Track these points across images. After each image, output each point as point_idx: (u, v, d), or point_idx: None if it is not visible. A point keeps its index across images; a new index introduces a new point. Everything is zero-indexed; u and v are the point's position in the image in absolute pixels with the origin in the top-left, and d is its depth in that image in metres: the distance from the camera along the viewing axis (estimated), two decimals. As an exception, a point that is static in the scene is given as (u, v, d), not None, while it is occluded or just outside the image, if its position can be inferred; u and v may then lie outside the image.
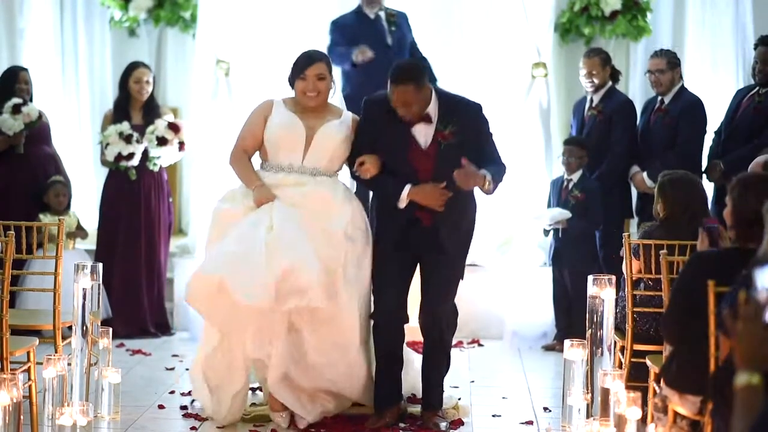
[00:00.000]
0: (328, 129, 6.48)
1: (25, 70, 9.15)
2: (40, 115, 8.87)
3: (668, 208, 6.63)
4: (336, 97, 8.86)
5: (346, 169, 6.70)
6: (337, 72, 8.60)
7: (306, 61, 6.49)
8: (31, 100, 9.00)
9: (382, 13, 9.64)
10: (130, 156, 8.91)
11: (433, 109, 6.32)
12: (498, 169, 6.33)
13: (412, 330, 6.74)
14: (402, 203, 6.30)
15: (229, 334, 6.41)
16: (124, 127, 8.89)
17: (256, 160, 6.73)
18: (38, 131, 8.97)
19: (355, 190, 6.96)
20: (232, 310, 6.26)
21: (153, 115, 9.04)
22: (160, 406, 6.92)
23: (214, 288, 6.22)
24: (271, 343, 6.35)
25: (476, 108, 6.46)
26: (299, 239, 6.27)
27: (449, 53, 10.14)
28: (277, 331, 6.33)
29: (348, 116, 6.59)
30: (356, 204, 6.56)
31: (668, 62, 8.52)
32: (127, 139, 8.87)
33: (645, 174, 8.51)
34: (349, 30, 9.50)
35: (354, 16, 9.64)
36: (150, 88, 9.07)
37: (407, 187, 6.28)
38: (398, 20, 9.68)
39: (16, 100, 8.78)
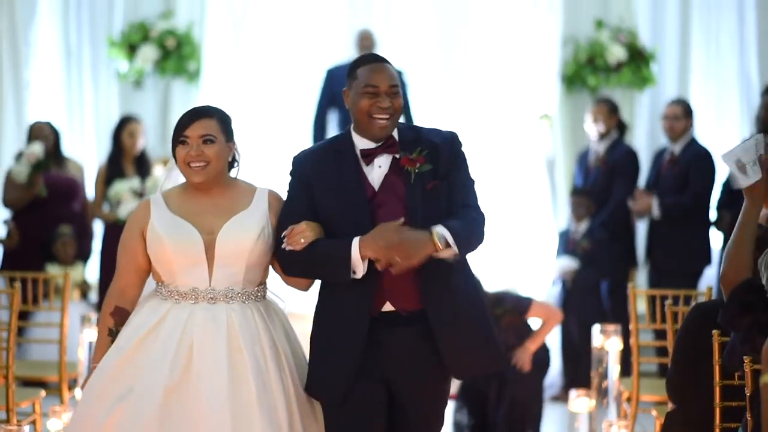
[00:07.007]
0: (233, 228, 4.36)
1: (47, 123, 9.04)
2: (60, 163, 8.81)
3: None
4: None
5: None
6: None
7: (187, 118, 4.39)
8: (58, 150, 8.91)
9: None
10: None
11: (394, 136, 4.42)
12: (468, 223, 4.30)
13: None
14: (358, 268, 4.22)
15: None
16: (134, 184, 8.87)
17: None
18: (66, 188, 8.90)
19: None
20: None
21: (145, 167, 9.03)
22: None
23: None
24: None
25: (449, 132, 4.48)
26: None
27: (455, 104, 10.19)
28: None
29: (263, 194, 4.48)
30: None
31: (684, 110, 8.60)
32: (141, 195, 8.86)
33: (655, 201, 8.46)
34: (335, 74, 9.67)
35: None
36: (143, 142, 9.07)
37: (355, 240, 4.21)
38: None
39: (23, 149, 8.72)
